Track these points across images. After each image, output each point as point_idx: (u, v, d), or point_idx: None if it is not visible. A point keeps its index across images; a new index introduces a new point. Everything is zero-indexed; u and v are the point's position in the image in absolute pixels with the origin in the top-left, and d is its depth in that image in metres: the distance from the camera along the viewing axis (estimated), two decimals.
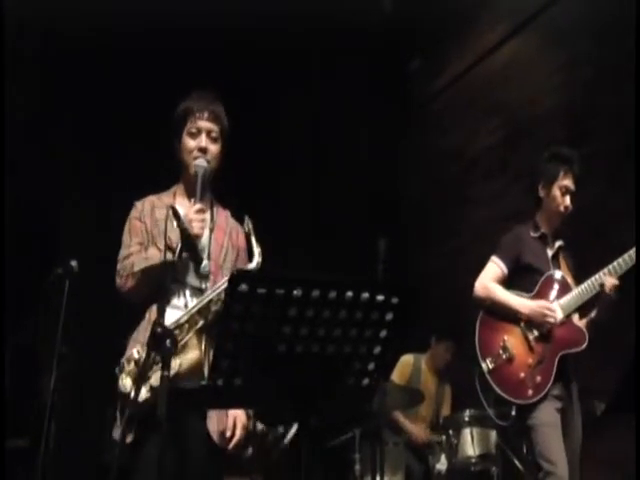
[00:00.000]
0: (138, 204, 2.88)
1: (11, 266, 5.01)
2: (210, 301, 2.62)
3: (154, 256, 2.67)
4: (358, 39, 6.59)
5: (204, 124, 2.84)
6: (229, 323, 1.97)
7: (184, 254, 2.57)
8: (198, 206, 2.70)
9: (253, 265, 2.68)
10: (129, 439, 2.59)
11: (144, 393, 2.54)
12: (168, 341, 2.23)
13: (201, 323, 2.60)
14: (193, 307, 2.62)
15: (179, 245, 2.51)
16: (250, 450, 4.08)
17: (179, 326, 2.59)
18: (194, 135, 2.84)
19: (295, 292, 1.94)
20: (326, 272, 2.05)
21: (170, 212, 2.54)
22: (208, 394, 2.11)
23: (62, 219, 5.93)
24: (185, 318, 2.60)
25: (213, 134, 2.86)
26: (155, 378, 2.52)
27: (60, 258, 3.42)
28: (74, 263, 3.35)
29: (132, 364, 2.61)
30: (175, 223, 2.57)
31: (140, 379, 2.50)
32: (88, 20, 5.59)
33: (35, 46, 5.85)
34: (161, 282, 2.61)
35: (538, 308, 3.71)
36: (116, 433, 2.64)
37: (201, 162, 2.79)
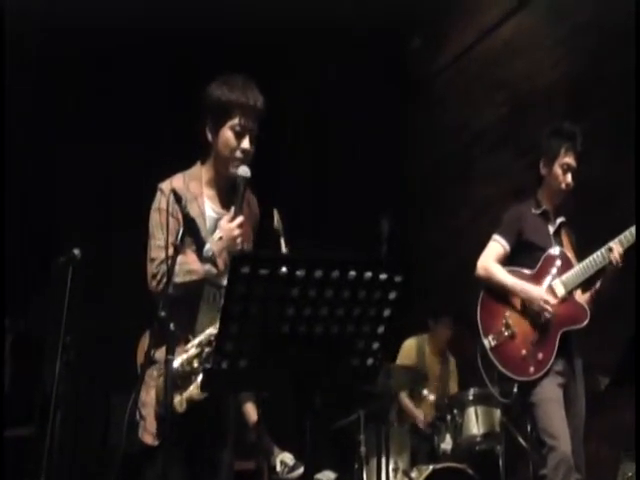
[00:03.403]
0: (165, 190, 2.70)
1: (12, 254, 5.02)
2: None
3: (196, 268, 2.57)
4: (359, 17, 6.55)
5: (250, 125, 2.71)
6: (232, 305, 1.98)
7: (186, 237, 2.53)
8: (240, 219, 2.62)
9: None
10: (156, 443, 2.58)
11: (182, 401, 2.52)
12: (172, 325, 2.23)
13: None
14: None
15: (180, 229, 2.48)
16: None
17: (209, 342, 2.55)
18: (238, 134, 2.71)
19: (298, 272, 1.94)
20: (328, 252, 2.05)
21: (171, 197, 2.49)
22: (213, 377, 2.11)
23: (62, 207, 5.92)
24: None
25: (254, 133, 2.75)
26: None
27: (63, 246, 3.42)
28: (77, 251, 3.34)
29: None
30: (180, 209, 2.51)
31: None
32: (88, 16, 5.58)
33: (34, 42, 5.84)
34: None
35: (536, 299, 3.70)
36: (144, 436, 2.61)
37: (246, 172, 2.67)
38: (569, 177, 3.81)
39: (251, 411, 4.15)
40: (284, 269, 1.92)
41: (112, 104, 5.96)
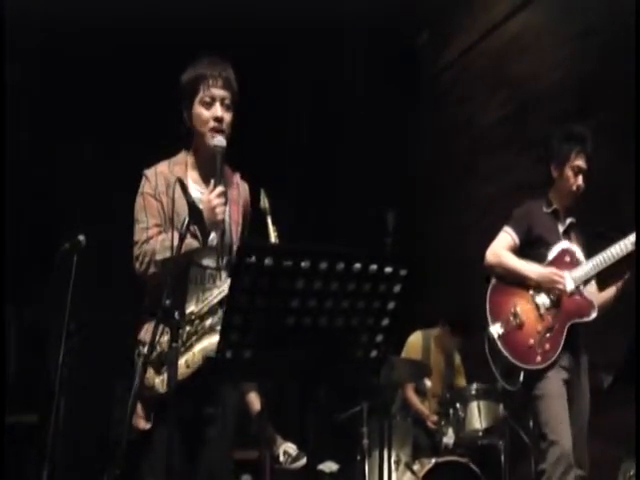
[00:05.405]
0: (150, 176, 2.75)
1: (16, 241, 5.03)
2: None
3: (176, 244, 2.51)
4: (366, 12, 6.53)
5: (218, 92, 2.72)
6: (236, 295, 1.98)
7: (191, 226, 2.52)
8: (219, 189, 2.59)
9: None
10: (147, 426, 2.59)
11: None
12: (176, 313, 2.23)
13: None
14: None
15: (186, 218, 2.46)
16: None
17: (209, 311, 2.56)
18: (208, 104, 2.72)
19: (303, 264, 1.93)
20: (334, 245, 2.05)
21: (177, 185, 2.49)
22: (217, 366, 2.11)
23: (63, 195, 5.94)
24: (217, 299, 2.56)
25: (227, 101, 2.74)
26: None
27: (66, 233, 3.41)
28: (82, 237, 3.34)
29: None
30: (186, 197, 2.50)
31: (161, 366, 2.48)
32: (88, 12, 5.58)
33: (35, 33, 5.84)
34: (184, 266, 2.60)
35: (547, 274, 3.75)
36: (136, 421, 2.60)
37: (221, 141, 2.67)
38: (580, 179, 3.84)
39: (254, 401, 4.15)
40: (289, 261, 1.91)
41: (113, 99, 5.97)
